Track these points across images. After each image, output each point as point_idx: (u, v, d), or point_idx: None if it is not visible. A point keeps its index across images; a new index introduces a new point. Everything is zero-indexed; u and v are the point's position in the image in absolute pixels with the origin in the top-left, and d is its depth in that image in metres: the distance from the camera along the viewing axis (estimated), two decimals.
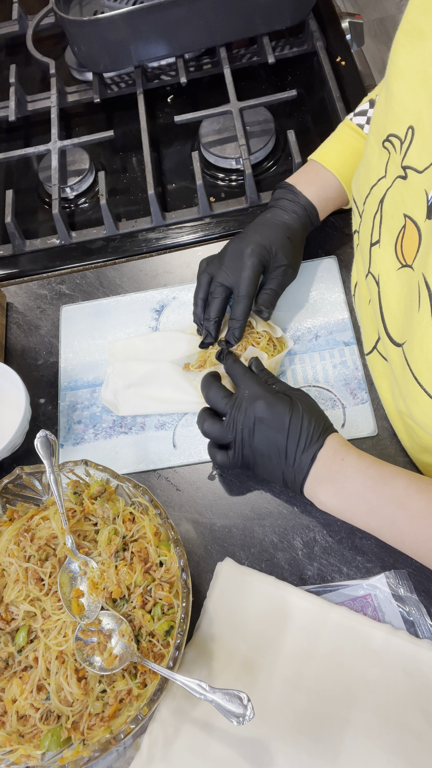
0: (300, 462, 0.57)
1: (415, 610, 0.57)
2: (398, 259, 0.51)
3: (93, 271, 0.84)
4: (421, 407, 0.47)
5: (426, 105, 0.47)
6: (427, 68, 0.46)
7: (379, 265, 0.54)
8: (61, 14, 0.89)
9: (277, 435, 0.57)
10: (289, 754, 0.53)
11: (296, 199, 0.69)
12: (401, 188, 0.50)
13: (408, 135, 0.49)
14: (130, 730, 0.49)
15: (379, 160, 0.54)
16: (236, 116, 0.88)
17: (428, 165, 0.46)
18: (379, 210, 0.54)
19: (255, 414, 0.58)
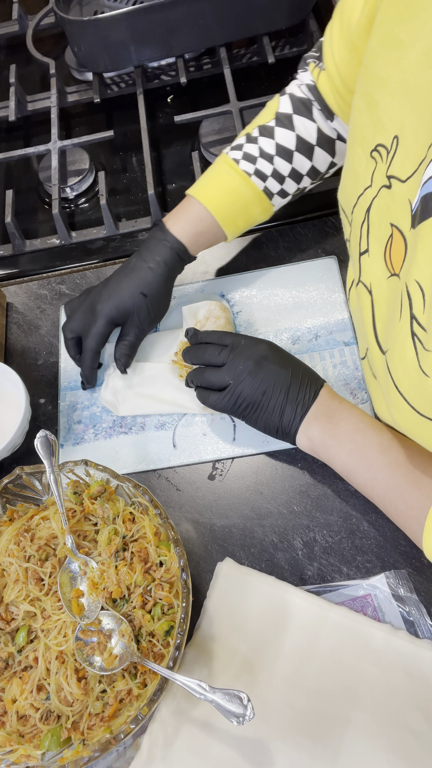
0: (304, 397, 0.60)
1: (415, 610, 0.57)
2: (387, 267, 0.52)
3: (93, 271, 0.84)
4: (402, 414, 0.48)
5: (409, 114, 0.47)
6: (409, 77, 0.46)
7: (370, 275, 0.55)
8: (61, 14, 0.89)
9: (283, 370, 0.60)
10: (289, 754, 0.53)
11: (164, 237, 0.69)
12: (386, 198, 0.50)
13: (393, 144, 0.49)
14: (130, 730, 0.49)
15: (366, 169, 0.54)
16: (236, 116, 0.88)
17: (411, 174, 0.47)
18: (366, 219, 0.54)
19: (260, 353, 0.61)
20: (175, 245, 0.69)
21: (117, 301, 0.68)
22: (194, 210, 0.69)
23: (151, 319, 0.70)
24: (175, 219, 0.70)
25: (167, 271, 0.69)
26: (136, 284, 0.68)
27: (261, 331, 0.75)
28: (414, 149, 0.46)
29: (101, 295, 0.69)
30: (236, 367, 0.61)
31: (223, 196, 0.69)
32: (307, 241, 0.80)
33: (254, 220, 0.72)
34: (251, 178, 0.68)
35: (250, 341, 0.63)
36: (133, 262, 0.70)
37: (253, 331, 0.75)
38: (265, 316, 0.76)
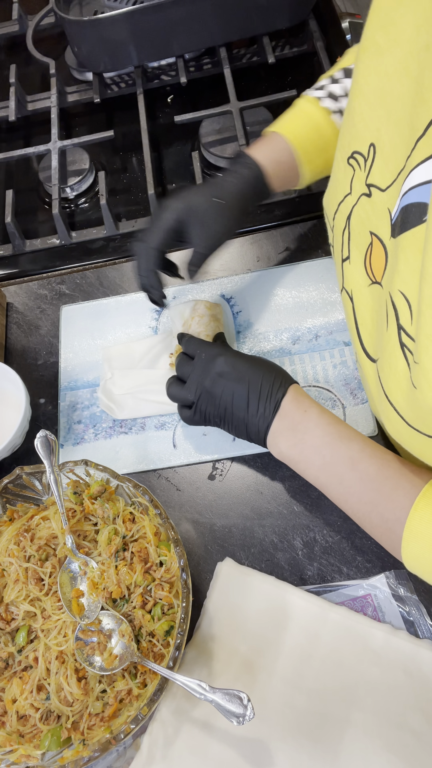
0: (264, 411, 0.58)
1: (415, 610, 0.57)
2: (368, 275, 0.52)
3: (93, 271, 0.84)
4: (392, 424, 0.48)
5: (384, 122, 0.46)
6: (384, 84, 0.46)
7: (351, 281, 0.55)
8: (61, 14, 0.89)
9: (238, 386, 0.58)
10: (289, 754, 0.53)
11: (244, 161, 0.66)
12: (366, 206, 0.50)
13: (370, 152, 0.49)
14: (130, 730, 0.49)
15: (344, 176, 0.53)
16: (236, 116, 0.88)
17: (390, 183, 0.46)
18: (347, 226, 0.54)
19: (215, 370, 0.59)
20: (254, 167, 0.65)
21: (188, 198, 0.63)
22: (275, 141, 0.66)
23: (226, 228, 0.64)
24: (256, 148, 0.67)
25: (246, 188, 0.65)
26: (210, 190, 0.64)
27: (261, 331, 0.75)
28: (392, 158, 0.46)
29: (169, 198, 0.64)
30: (196, 384, 0.60)
31: (305, 131, 0.66)
32: (307, 241, 0.80)
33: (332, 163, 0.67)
34: (332, 116, 0.66)
35: (210, 354, 0.61)
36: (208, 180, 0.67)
37: (253, 330, 0.75)
38: (265, 316, 0.76)
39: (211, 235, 0.64)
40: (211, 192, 0.64)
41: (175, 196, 0.64)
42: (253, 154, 0.66)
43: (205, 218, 0.63)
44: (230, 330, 0.76)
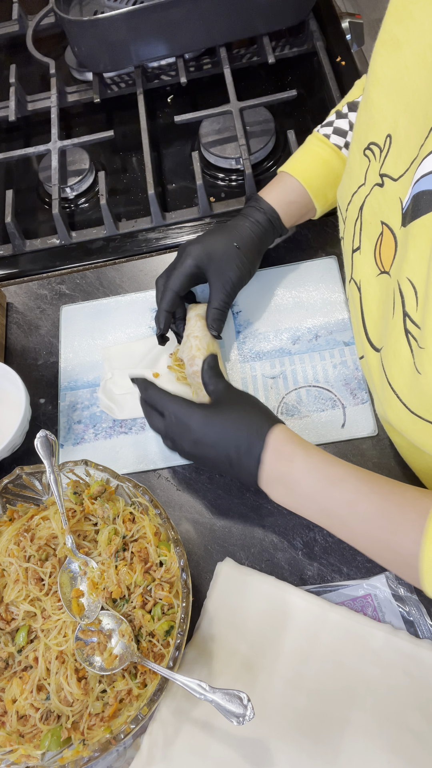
0: (247, 465, 0.56)
1: (415, 610, 0.57)
2: (377, 265, 0.52)
3: (93, 271, 0.84)
4: (395, 412, 0.48)
5: (402, 113, 0.47)
6: (403, 77, 0.47)
7: (360, 272, 0.55)
8: (61, 14, 0.88)
9: (216, 451, 0.57)
10: (289, 754, 0.53)
11: (258, 205, 0.71)
12: (378, 196, 0.51)
13: (386, 143, 0.49)
14: (130, 730, 0.49)
15: (360, 167, 0.54)
16: (236, 116, 0.88)
17: (403, 173, 0.47)
18: (359, 217, 0.55)
19: (189, 437, 0.58)
20: (269, 211, 0.70)
21: (208, 245, 0.68)
22: (286, 182, 0.71)
23: (241, 275, 0.69)
24: (268, 190, 0.72)
25: (261, 232, 0.70)
26: (229, 236, 0.69)
27: (261, 331, 0.75)
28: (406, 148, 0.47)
29: (192, 242, 0.69)
30: (173, 442, 0.60)
31: (314, 169, 0.70)
32: (307, 241, 0.80)
33: None
34: (342, 151, 0.69)
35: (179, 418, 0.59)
36: (229, 222, 0.71)
37: (253, 330, 0.75)
38: (265, 316, 0.76)
39: (226, 284, 0.68)
40: (230, 238, 0.69)
41: (198, 240, 0.69)
42: (266, 197, 0.71)
43: (222, 265, 0.68)
44: (229, 331, 0.76)
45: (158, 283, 0.71)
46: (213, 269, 0.68)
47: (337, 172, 0.70)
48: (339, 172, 0.70)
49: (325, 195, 0.71)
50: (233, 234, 0.69)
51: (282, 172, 0.72)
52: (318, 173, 0.70)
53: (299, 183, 0.70)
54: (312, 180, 0.70)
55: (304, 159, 0.71)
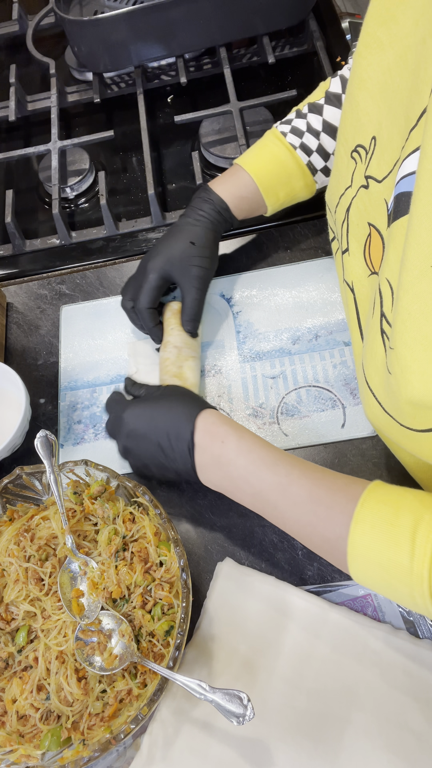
0: (180, 451, 0.57)
1: None
2: (368, 266, 0.52)
3: (93, 271, 0.84)
4: (372, 410, 0.48)
5: (385, 115, 0.48)
6: (386, 79, 0.47)
7: (351, 273, 0.55)
8: (61, 14, 0.89)
9: (147, 440, 0.59)
10: (289, 754, 0.53)
11: (207, 196, 0.71)
12: (364, 197, 0.51)
13: (371, 145, 0.50)
14: (130, 730, 0.49)
15: (346, 169, 0.55)
16: (236, 116, 0.88)
17: (387, 174, 0.47)
18: (346, 219, 0.55)
19: (124, 431, 0.61)
20: (218, 203, 0.70)
21: (165, 252, 0.69)
22: (238, 175, 0.71)
23: (204, 270, 0.70)
24: (219, 181, 0.72)
25: (212, 224, 0.71)
26: (181, 236, 0.70)
27: (261, 331, 0.75)
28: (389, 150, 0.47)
29: (150, 255, 0.70)
30: (119, 444, 0.63)
31: (267, 165, 0.70)
32: (307, 241, 0.80)
33: (296, 194, 0.73)
34: (296, 151, 0.70)
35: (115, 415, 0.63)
36: (177, 222, 0.72)
37: (253, 330, 0.75)
38: (265, 316, 0.76)
39: (193, 282, 0.70)
40: (183, 237, 0.70)
41: (155, 252, 0.70)
42: (216, 188, 0.71)
43: (184, 267, 0.69)
44: (229, 331, 0.76)
45: (125, 306, 0.72)
46: (177, 273, 0.70)
47: (290, 171, 0.70)
48: (291, 171, 0.70)
49: (276, 193, 0.71)
50: (185, 234, 0.70)
51: (236, 164, 0.72)
52: (271, 171, 0.70)
53: (251, 179, 0.70)
54: (264, 177, 0.70)
55: (260, 155, 0.71)
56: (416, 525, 0.44)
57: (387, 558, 0.45)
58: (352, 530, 0.47)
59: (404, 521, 0.44)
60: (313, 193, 0.73)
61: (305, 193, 0.73)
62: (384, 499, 0.47)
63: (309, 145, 0.70)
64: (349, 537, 0.47)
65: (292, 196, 0.73)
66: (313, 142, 0.69)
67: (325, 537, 0.50)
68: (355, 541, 0.47)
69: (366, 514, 0.47)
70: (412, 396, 0.39)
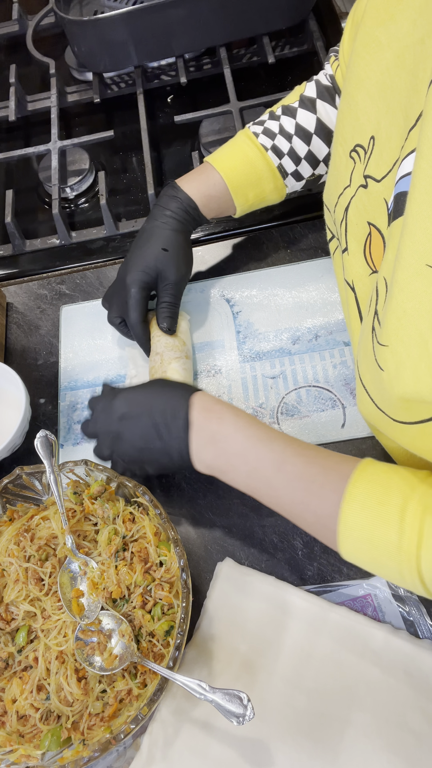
0: (176, 431, 0.56)
1: (415, 610, 0.57)
2: (369, 265, 0.53)
3: (93, 271, 0.84)
4: (365, 406, 0.48)
5: (384, 115, 0.48)
6: (384, 78, 0.47)
7: (351, 272, 0.56)
8: (61, 14, 0.89)
9: (142, 420, 0.58)
10: (289, 754, 0.53)
11: (174, 193, 0.70)
12: (363, 197, 0.51)
13: (370, 145, 0.50)
14: (130, 730, 0.49)
15: (345, 169, 0.55)
16: (236, 116, 0.88)
17: (386, 174, 0.47)
18: (344, 218, 0.55)
19: (115, 415, 0.59)
20: (186, 201, 0.70)
21: (141, 264, 0.69)
22: (207, 174, 0.70)
23: (180, 274, 0.70)
24: (187, 179, 0.71)
25: (180, 225, 0.70)
26: (154, 243, 0.69)
27: (261, 331, 0.75)
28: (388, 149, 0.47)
29: (126, 268, 0.70)
30: (103, 436, 0.60)
31: (237, 165, 0.70)
32: (307, 241, 0.80)
33: (265, 197, 0.72)
34: (267, 153, 0.69)
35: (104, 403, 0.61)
36: (146, 224, 0.71)
37: (253, 330, 0.75)
38: (265, 316, 0.76)
39: (170, 287, 0.70)
40: (156, 244, 0.69)
41: (130, 265, 0.69)
42: (185, 186, 0.70)
43: (162, 273, 0.69)
44: (229, 331, 0.76)
45: (113, 322, 0.72)
46: (155, 281, 0.70)
47: (260, 173, 0.70)
48: (262, 173, 0.70)
49: (246, 194, 0.71)
50: (157, 239, 0.69)
51: (206, 162, 0.71)
52: (241, 171, 0.69)
53: (221, 178, 0.69)
54: (233, 177, 0.69)
55: (231, 155, 0.70)
56: (405, 504, 0.45)
57: (377, 536, 0.46)
58: (343, 509, 0.48)
59: (394, 500, 0.45)
60: (282, 197, 0.73)
61: (275, 196, 0.72)
62: (374, 479, 0.48)
63: (281, 148, 0.69)
64: (340, 515, 0.48)
65: (261, 199, 0.72)
66: (285, 145, 0.69)
67: (317, 514, 0.51)
68: (345, 520, 0.48)
69: (356, 493, 0.48)
70: (404, 392, 0.39)
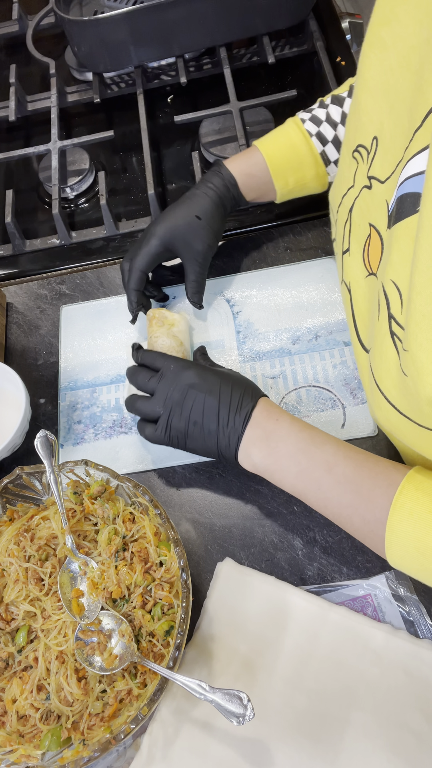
0: (235, 423, 0.58)
1: (415, 610, 0.57)
2: (365, 267, 0.52)
3: (93, 271, 0.84)
4: (384, 413, 0.48)
5: (387, 115, 0.48)
6: (389, 79, 0.47)
7: (350, 273, 0.56)
8: (61, 14, 0.88)
9: (209, 398, 0.58)
10: (289, 754, 0.53)
11: (218, 170, 0.72)
12: (366, 198, 0.51)
13: (373, 145, 0.50)
14: (130, 730, 0.49)
15: (348, 169, 0.55)
16: (236, 116, 0.88)
17: (389, 175, 0.47)
18: (348, 219, 0.55)
19: (186, 381, 0.60)
20: (227, 177, 0.71)
21: (171, 223, 0.69)
22: (252, 155, 0.72)
23: (208, 245, 0.70)
24: (232, 159, 0.73)
25: (219, 198, 0.71)
26: (189, 208, 0.70)
27: (261, 331, 0.75)
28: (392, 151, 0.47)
29: (156, 221, 0.71)
30: (164, 397, 0.60)
31: (280, 148, 0.71)
32: (307, 241, 0.80)
33: (306, 183, 0.73)
34: (312, 139, 0.70)
35: (178, 367, 0.61)
36: (187, 193, 0.72)
37: (253, 330, 0.75)
38: (265, 316, 0.76)
39: (197, 257, 0.70)
40: (191, 210, 0.70)
41: (161, 219, 0.70)
42: (228, 164, 0.72)
43: (188, 239, 0.69)
44: (229, 331, 0.76)
45: (123, 267, 0.72)
46: (180, 245, 0.70)
47: (302, 157, 0.71)
48: (304, 158, 0.71)
49: (286, 178, 0.72)
50: (193, 206, 0.70)
51: (253, 145, 0.73)
52: (283, 153, 0.71)
53: (263, 159, 0.71)
54: (275, 159, 0.71)
55: (275, 138, 0.72)
56: None
57: (424, 544, 0.47)
58: (391, 515, 0.49)
59: None
60: (324, 186, 0.73)
61: (316, 183, 0.73)
62: (423, 487, 0.49)
63: (325, 135, 0.70)
64: (388, 522, 0.49)
65: (302, 185, 0.73)
66: (330, 133, 0.70)
67: (365, 519, 0.52)
68: (393, 527, 0.48)
69: (404, 500, 0.48)
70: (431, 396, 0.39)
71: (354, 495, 0.52)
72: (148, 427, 0.62)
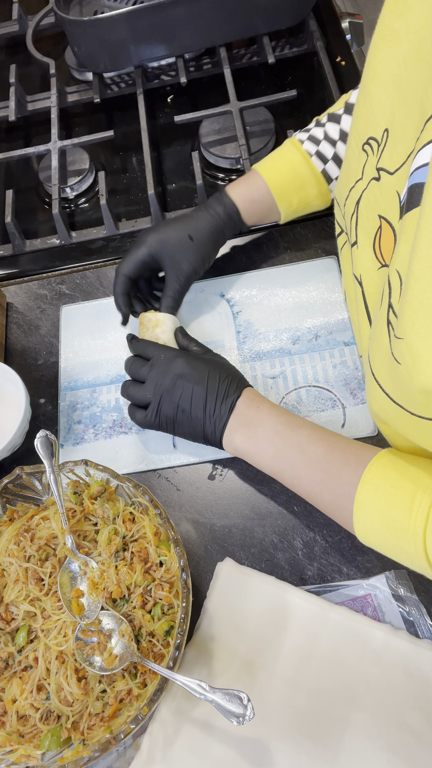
0: (220, 411, 0.61)
1: (415, 610, 0.57)
2: (378, 259, 0.53)
3: (93, 271, 0.84)
4: (379, 402, 0.49)
5: (398, 107, 0.48)
6: (401, 71, 0.47)
7: (360, 266, 0.56)
8: (61, 14, 0.88)
9: (197, 387, 0.61)
10: (289, 754, 0.53)
11: (220, 197, 0.72)
12: (375, 190, 0.51)
13: (384, 137, 0.50)
14: (130, 730, 0.49)
15: (357, 162, 0.55)
16: (236, 116, 0.88)
17: (399, 166, 0.47)
18: (355, 212, 0.55)
19: (175, 371, 0.62)
20: (229, 205, 0.71)
21: (163, 234, 0.70)
22: (253, 180, 0.72)
23: (194, 267, 0.71)
24: (234, 185, 0.73)
25: (217, 225, 0.72)
26: (184, 226, 0.71)
27: (261, 331, 0.75)
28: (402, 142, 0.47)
29: (151, 229, 0.71)
30: (155, 384, 0.63)
31: (281, 171, 0.71)
32: (307, 241, 0.80)
33: (309, 201, 0.73)
34: (312, 159, 0.70)
35: (169, 356, 0.64)
36: (188, 211, 0.73)
37: (253, 330, 0.75)
38: (265, 316, 0.76)
39: (179, 275, 0.71)
40: (186, 229, 0.70)
41: (153, 229, 0.71)
42: (230, 191, 0.73)
43: (175, 256, 0.70)
44: (229, 331, 0.76)
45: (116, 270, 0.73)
46: (167, 259, 0.70)
47: (304, 178, 0.71)
48: (306, 178, 0.71)
49: (289, 199, 0.72)
50: (189, 225, 0.71)
51: (253, 169, 0.73)
52: (285, 177, 0.71)
53: (265, 183, 0.71)
54: (278, 182, 0.71)
55: (275, 161, 0.72)
56: (416, 487, 0.47)
57: (388, 517, 0.49)
58: (359, 490, 0.51)
59: (406, 484, 0.48)
60: (327, 203, 0.73)
61: (319, 201, 0.73)
62: (391, 465, 0.51)
63: (325, 154, 0.70)
64: (356, 496, 0.51)
65: (306, 204, 0.73)
66: (329, 150, 0.70)
67: (334, 494, 0.55)
68: (360, 500, 0.51)
69: (372, 476, 0.51)
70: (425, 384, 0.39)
71: (324, 473, 0.55)
72: (138, 412, 0.65)
